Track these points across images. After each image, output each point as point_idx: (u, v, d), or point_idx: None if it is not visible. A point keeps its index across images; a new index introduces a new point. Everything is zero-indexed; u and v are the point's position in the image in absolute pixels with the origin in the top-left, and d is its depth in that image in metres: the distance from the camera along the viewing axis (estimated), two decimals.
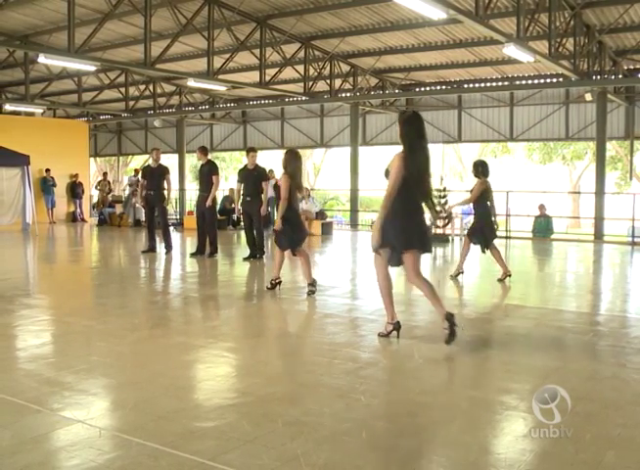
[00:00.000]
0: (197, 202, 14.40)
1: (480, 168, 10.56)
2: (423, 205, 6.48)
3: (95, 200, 28.61)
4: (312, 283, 9.07)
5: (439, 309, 6.31)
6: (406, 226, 6.26)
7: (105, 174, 29.48)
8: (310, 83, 21.70)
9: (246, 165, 13.32)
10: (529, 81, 22.61)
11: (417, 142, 6.33)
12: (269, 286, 9.50)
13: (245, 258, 13.04)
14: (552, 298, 9.82)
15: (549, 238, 19.23)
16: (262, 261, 13.01)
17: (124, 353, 6.11)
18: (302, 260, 9.27)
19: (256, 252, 13.14)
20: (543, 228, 19.34)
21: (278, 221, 9.12)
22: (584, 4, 15.86)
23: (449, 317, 6.15)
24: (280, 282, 9.53)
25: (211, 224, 13.66)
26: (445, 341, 6.09)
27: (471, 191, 10.71)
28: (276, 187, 9.91)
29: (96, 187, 28.01)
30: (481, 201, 10.44)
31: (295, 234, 9.15)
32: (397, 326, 6.52)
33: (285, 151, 9.93)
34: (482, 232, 10.51)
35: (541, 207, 19.56)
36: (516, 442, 3.96)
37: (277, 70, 20.55)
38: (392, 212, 6.21)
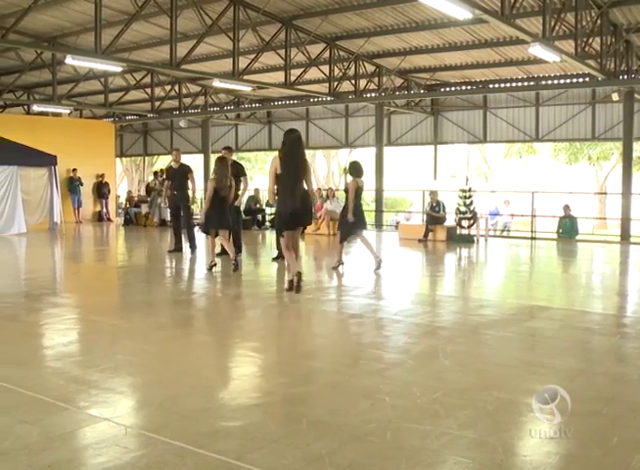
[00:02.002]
0: None
1: (355, 169, 11.80)
2: (300, 193, 8.79)
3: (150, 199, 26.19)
4: (235, 259, 11.30)
5: (293, 270, 9.08)
6: (283, 212, 8.94)
7: (156, 173, 27.46)
8: (335, 84, 21.69)
9: None
10: (555, 81, 22.44)
11: (287, 150, 8.85)
12: (207, 268, 11.48)
13: (274, 259, 12.97)
14: (578, 299, 9.75)
15: (574, 239, 19.07)
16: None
17: (150, 352, 6.15)
18: (222, 241, 11.66)
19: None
20: (568, 229, 19.16)
21: (202, 214, 11.94)
22: (611, 3, 15.72)
23: (298, 274, 8.95)
24: (215, 264, 11.51)
25: (235, 224, 13.64)
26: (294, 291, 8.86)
27: (346, 190, 12.11)
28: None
29: (150, 186, 25.89)
30: (358, 199, 11.75)
31: (211, 222, 11.49)
32: (299, 280, 9.03)
33: (216, 157, 12.08)
34: (350, 225, 11.68)
35: (566, 207, 19.38)
36: (542, 444, 3.94)
37: (302, 70, 20.55)
38: (278, 202, 9.06)
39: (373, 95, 23.63)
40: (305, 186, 8.96)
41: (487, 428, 4.15)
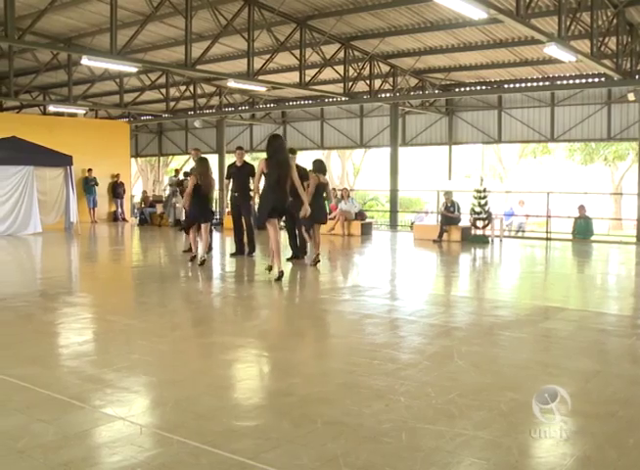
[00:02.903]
0: (232, 203, 14.25)
1: (318, 167, 12.75)
2: (282, 190, 10.21)
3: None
4: (204, 255, 12.21)
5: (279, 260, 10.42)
6: (266, 205, 10.28)
7: (187, 173, 26.64)
8: (350, 84, 21.67)
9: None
10: (571, 81, 22.33)
11: (272, 153, 10.20)
12: (199, 263, 12.19)
13: (288, 259, 12.94)
14: (593, 300, 9.71)
15: (589, 239, 18.96)
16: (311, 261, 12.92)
17: (165, 352, 6.17)
18: (202, 235, 12.40)
19: (298, 252, 13.07)
20: (583, 230, 19.04)
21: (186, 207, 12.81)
22: (627, 2, 15.62)
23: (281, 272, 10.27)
24: (194, 257, 12.59)
25: (249, 224, 13.67)
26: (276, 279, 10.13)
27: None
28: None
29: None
30: (316, 193, 12.43)
31: (192, 215, 12.52)
32: (282, 274, 10.26)
33: (197, 159, 13.13)
34: (312, 218, 12.06)
35: (581, 208, 19.25)
36: (557, 445, 3.92)
37: (317, 70, 20.55)
38: (261, 197, 10.45)
39: (388, 95, 23.59)
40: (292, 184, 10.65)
41: (502, 429, 4.14)
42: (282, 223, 12.16)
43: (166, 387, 5.05)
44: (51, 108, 25.97)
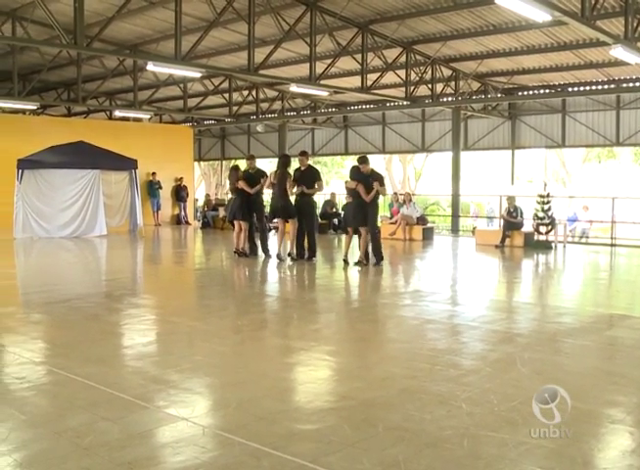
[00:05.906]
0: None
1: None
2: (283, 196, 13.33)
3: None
4: (241, 251, 14.17)
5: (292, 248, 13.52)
6: (273, 207, 13.87)
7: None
8: (412, 88, 21.56)
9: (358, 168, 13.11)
10: (637, 84, 21.84)
11: (281, 171, 13.38)
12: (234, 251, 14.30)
13: (356, 263, 12.89)
14: None
15: None
16: (379, 267, 12.84)
17: (227, 354, 6.24)
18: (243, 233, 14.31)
19: (378, 258, 12.98)
20: None
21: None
22: None
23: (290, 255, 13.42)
24: (238, 251, 14.11)
25: (311, 229, 13.71)
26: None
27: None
28: None
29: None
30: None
31: (230, 213, 14.50)
32: (291, 256, 13.42)
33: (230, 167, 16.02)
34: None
35: None
36: (622, 457, 3.85)
37: (378, 74, 20.52)
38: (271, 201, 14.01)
39: (450, 99, 23.42)
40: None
41: (566, 439, 4.07)
42: None
43: (229, 389, 5.11)
44: (117, 113, 26.46)
